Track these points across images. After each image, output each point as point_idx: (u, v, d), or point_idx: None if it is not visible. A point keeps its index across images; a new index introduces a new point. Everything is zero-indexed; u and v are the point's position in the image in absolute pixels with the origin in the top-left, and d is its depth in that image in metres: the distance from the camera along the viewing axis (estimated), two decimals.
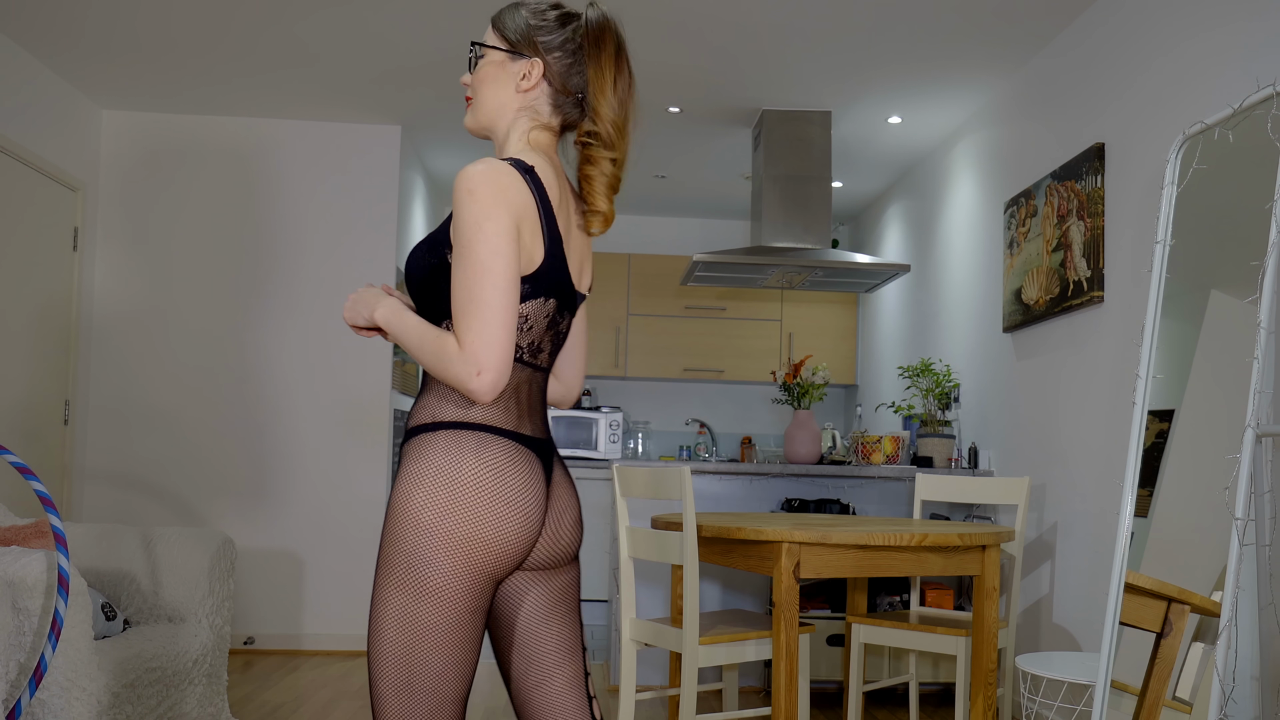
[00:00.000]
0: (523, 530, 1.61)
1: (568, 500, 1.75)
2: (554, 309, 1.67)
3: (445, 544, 1.56)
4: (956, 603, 4.38)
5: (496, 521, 1.58)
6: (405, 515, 1.57)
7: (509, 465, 1.61)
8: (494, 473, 1.60)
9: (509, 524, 1.59)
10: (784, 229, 5.10)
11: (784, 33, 4.25)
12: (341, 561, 5.42)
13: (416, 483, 1.58)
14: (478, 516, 1.57)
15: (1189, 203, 2.91)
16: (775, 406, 7.27)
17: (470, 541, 1.57)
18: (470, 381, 1.51)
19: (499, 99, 1.71)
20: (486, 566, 1.59)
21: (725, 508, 4.57)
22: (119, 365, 5.33)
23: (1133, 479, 2.86)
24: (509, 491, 1.60)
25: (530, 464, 1.65)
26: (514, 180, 1.58)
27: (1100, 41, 3.85)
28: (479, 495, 1.58)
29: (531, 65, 1.70)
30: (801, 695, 3.40)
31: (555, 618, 1.75)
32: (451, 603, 1.56)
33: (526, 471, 1.63)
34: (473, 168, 1.56)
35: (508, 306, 1.53)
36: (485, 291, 1.52)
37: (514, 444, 1.64)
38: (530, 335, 1.66)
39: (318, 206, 5.51)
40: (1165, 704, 2.68)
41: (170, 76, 4.91)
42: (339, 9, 4.13)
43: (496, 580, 1.62)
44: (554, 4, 1.73)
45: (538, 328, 1.66)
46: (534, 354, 1.68)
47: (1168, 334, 2.95)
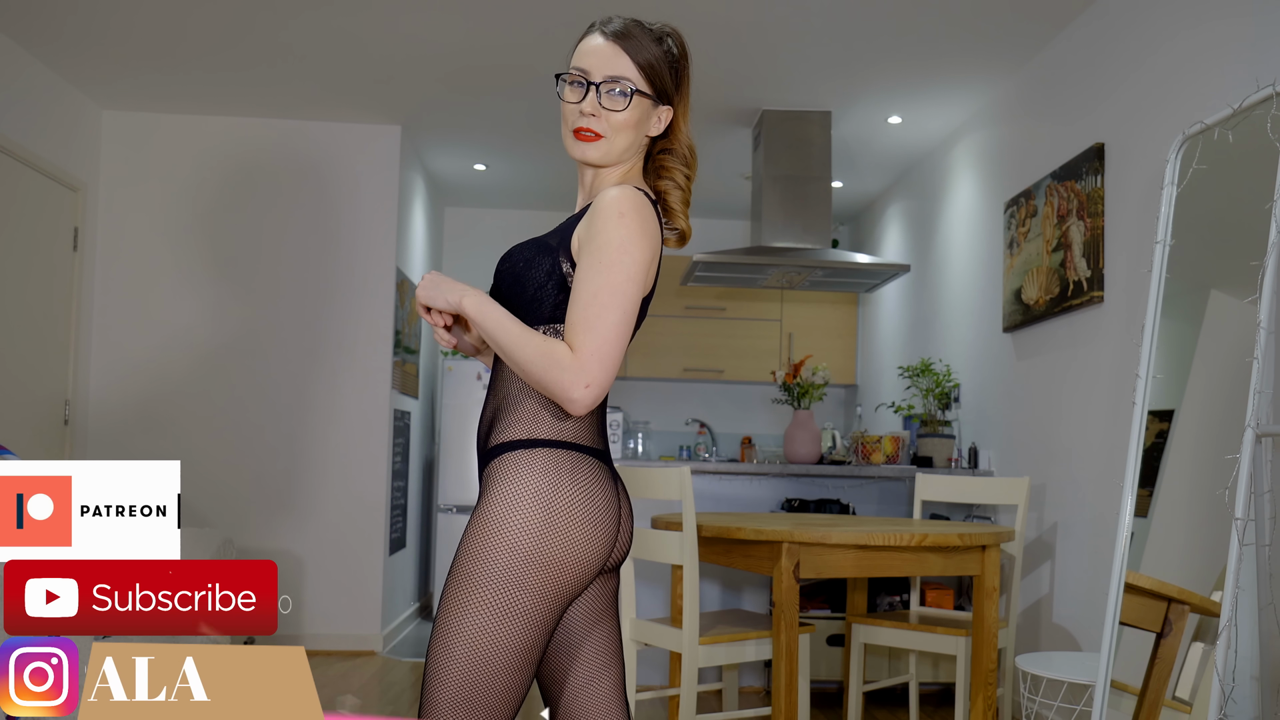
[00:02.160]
0: (606, 549, 1.64)
1: (629, 511, 1.76)
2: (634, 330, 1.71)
3: (540, 568, 1.56)
4: (956, 603, 4.38)
5: (587, 544, 1.60)
6: (500, 536, 1.57)
7: (596, 486, 1.63)
8: (586, 495, 1.61)
9: (596, 544, 1.61)
10: (784, 229, 5.10)
11: (784, 33, 4.25)
12: (341, 562, 5.41)
13: (514, 505, 1.58)
14: (571, 540, 1.58)
15: (1189, 203, 2.91)
16: (775, 406, 7.26)
17: (562, 565, 1.58)
18: (575, 390, 1.53)
19: (637, 141, 1.72)
20: (573, 589, 1.61)
21: (725, 508, 4.57)
22: (119, 365, 5.33)
23: (1133, 479, 2.86)
24: (596, 513, 1.62)
25: (610, 482, 1.67)
26: (653, 213, 1.63)
27: (1100, 41, 3.85)
28: (572, 518, 1.59)
29: (666, 112, 1.74)
30: (801, 695, 3.40)
31: (602, 622, 1.75)
32: (536, 626, 1.58)
33: (610, 490, 1.66)
34: (624, 191, 1.60)
35: (627, 332, 1.58)
36: (613, 312, 1.54)
37: (598, 463, 1.65)
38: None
39: (318, 206, 5.51)
40: (1165, 704, 2.68)
41: (170, 76, 4.91)
42: (339, 9, 4.13)
43: (571, 599, 1.64)
44: (662, 31, 1.74)
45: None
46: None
47: (1168, 334, 2.95)
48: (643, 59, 1.69)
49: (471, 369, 6.54)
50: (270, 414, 5.41)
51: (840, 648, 4.39)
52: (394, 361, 5.59)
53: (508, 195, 6.94)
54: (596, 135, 1.67)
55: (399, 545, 5.91)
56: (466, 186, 6.78)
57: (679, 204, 1.72)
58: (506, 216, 7.31)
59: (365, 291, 5.50)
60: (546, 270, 1.63)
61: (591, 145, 1.68)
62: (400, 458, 5.91)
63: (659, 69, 1.71)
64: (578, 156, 1.70)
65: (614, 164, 1.71)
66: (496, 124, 5.51)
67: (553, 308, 1.63)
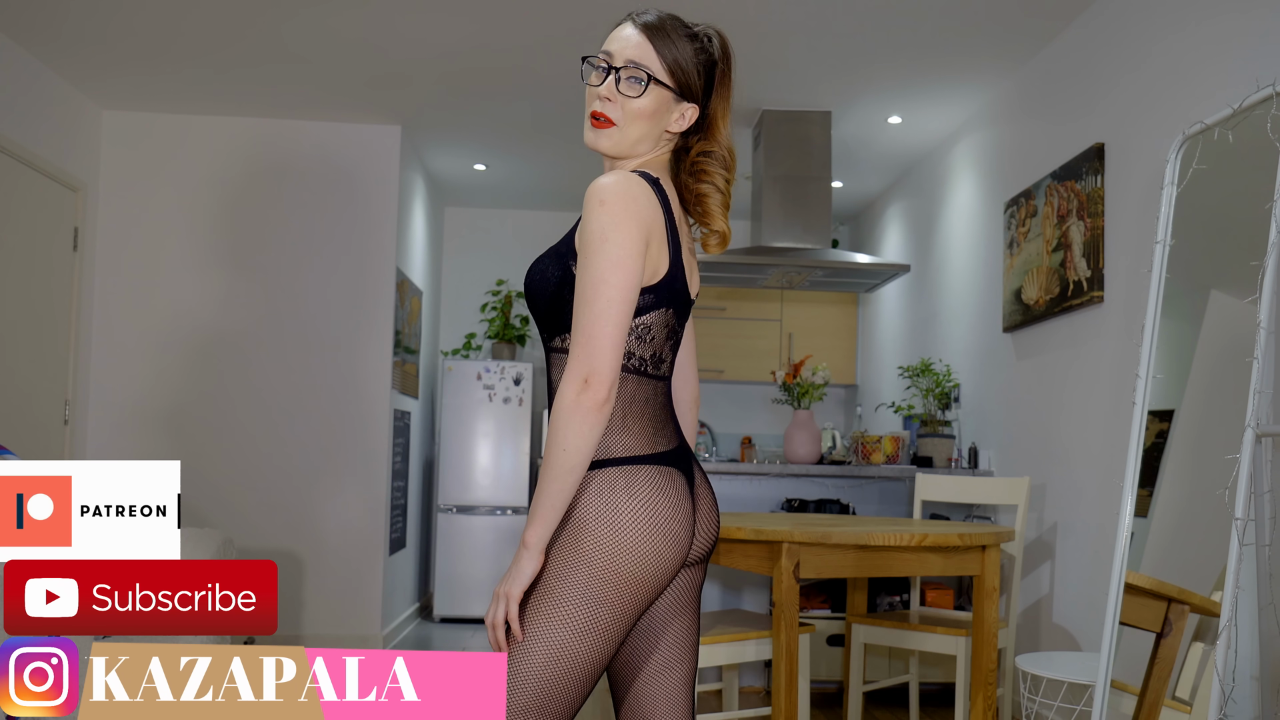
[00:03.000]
0: (679, 553, 1.64)
1: (710, 502, 1.75)
2: (673, 319, 1.68)
3: (616, 584, 1.59)
4: (956, 603, 4.37)
5: (657, 554, 1.61)
6: (577, 555, 1.59)
7: (658, 494, 1.63)
8: (647, 506, 1.62)
9: (667, 552, 1.62)
10: (784, 229, 5.10)
11: (784, 33, 4.25)
12: (341, 562, 5.41)
13: (581, 527, 1.60)
14: (641, 553, 1.59)
15: (1189, 203, 2.91)
16: (775, 406, 7.26)
17: (637, 579, 1.60)
18: (572, 394, 1.53)
19: (653, 133, 1.70)
20: (649, 598, 1.63)
21: (725, 508, 4.57)
22: (119, 365, 5.33)
23: (1133, 479, 2.86)
24: (661, 520, 1.62)
25: (674, 482, 1.66)
26: (644, 191, 1.60)
27: (1100, 41, 3.85)
28: (638, 532, 1.60)
29: (690, 110, 1.71)
30: (801, 695, 3.40)
31: (683, 613, 1.75)
32: (612, 640, 1.61)
33: (675, 493, 1.65)
34: (605, 179, 1.58)
35: (620, 319, 1.54)
36: (597, 303, 1.53)
37: (657, 468, 1.65)
38: (652, 346, 1.66)
39: (318, 206, 5.51)
40: (1165, 704, 2.68)
41: (170, 76, 4.91)
42: (339, 9, 4.13)
43: (645, 607, 1.65)
44: (693, 30, 1.71)
45: (659, 338, 1.66)
46: (657, 365, 1.68)
47: (1168, 334, 2.95)
48: (670, 53, 1.67)
49: (471, 369, 6.54)
50: (270, 414, 5.41)
51: (840, 648, 4.39)
52: (394, 361, 5.59)
53: (508, 195, 6.94)
54: (609, 121, 1.66)
55: (399, 545, 5.91)
56: (466, 186, 6.78)
57: (718, 207, 1.71)
58: (506, 216, 7.31)
59: (365, 291, 5.50)
60: (558, 278, 1.64)
61: (604, 133, 1.67)
62: (400, 458, 5.91)
63: (685, 65, 1.69)
64: (590, 144, 1.70)
65: (627, 155, 1.70)
66: (496, 124, 5.51)
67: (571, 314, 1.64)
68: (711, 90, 1.73)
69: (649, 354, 1.66)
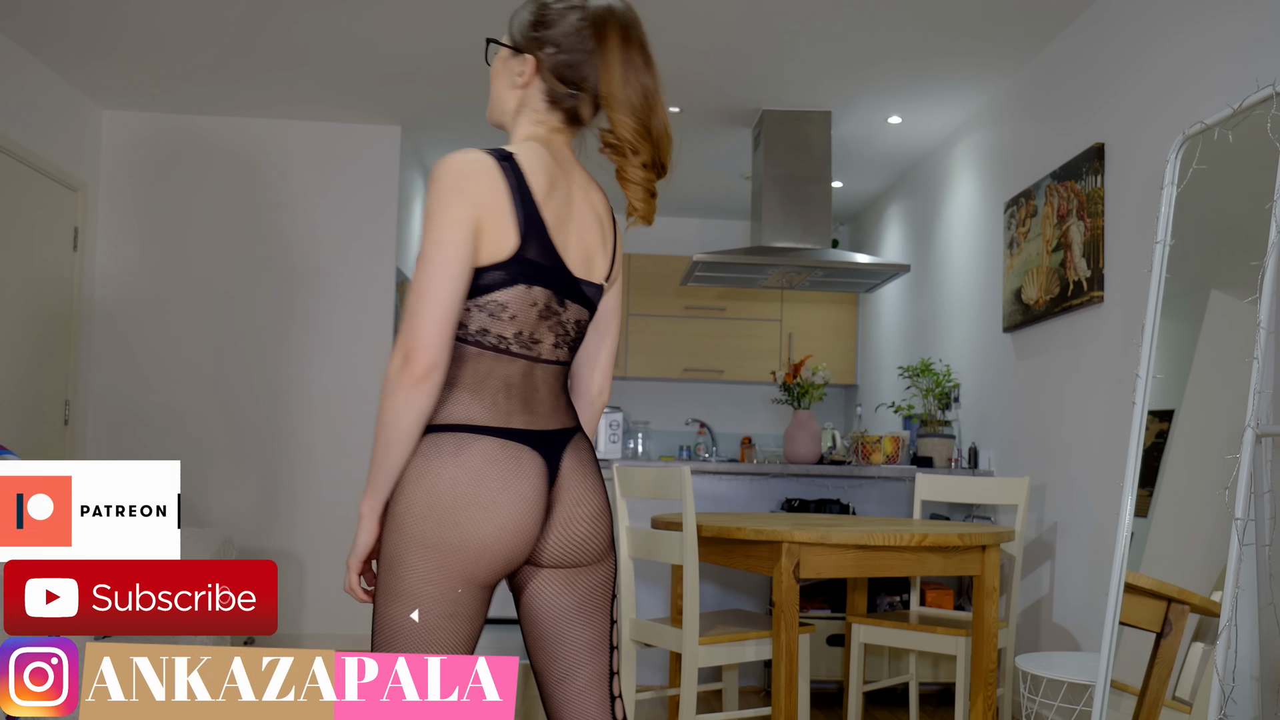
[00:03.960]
0: (502, 533, 1.58)
1: (580, 494, 1.68)
2: (547, 298, 1.63)
3: (420, 548, 1.55)
4: (956, 603, 4.38)
5: (473, 526, 1.56)
6: (390, 519, 1.59)
7: (489, 466, 1.58)
8: (471, 476, 1.57)
9: (486, 527, 1.56)
10: (784, 229, 5.10)
11: (784, 33, 4.25)
12: (341, 562, 5.41)
13: (401, 488, 1.58)
14: (454, 522, 1.56)
15: (1189, 203, 2.91)
16: (775, 406, 7.26)
17: (444, 547, 1.56)
18: (400, 371, 1.54)
19: (501, 94, 1.76)
20: (463, 572, 1.57)
21: (725, 508, 4.57)
22: (119, 365, 5.33)
23: (1133, 479, 2.86)
24: (486, 494, 1.57)
25: (518, 460, 1.60)
26: (480, 168, 1.58)
27: (1100, 41, 3.85)
28: (455, 500, 1.56)
29: (525, 63, 1.69)
30: (801, 695, 3.40)
31: (581, 616, 1.71)
32: (422, 606, 1.56)
33: (511, 470, 1.59)
34: (445, 158, 1.60)
35: (440, 296, 1.54)
36: (421, 280, 1.55)
37: (500, 442, 1.60)
38: (514, 324, 1.62)
39: (318, 206, 5.51)
40: (1165, 704, 2.68)
41: (170, 76, 4.91)
42: (339, 9, 4.13)
43: (482, 585, 1.60)
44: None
45: (524, 316, 1.62)
46: (526, 344, 1.63)
47: (1168, 334, 2.95)
48: (510, 19, 1.74)
49: None
50: (270, 413, 5.41)
51: (840, 648, 4.39)
52: None
53: None
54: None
55: None
56: None
57: (638, 194, 1.68)
58: None
59: (365, 292, 5.50)
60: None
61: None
62: None
63: (519, 20, 1.72)
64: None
65: (500, 124, 1.79)
66: None
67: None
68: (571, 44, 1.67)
69: (510, 332, 1.62)
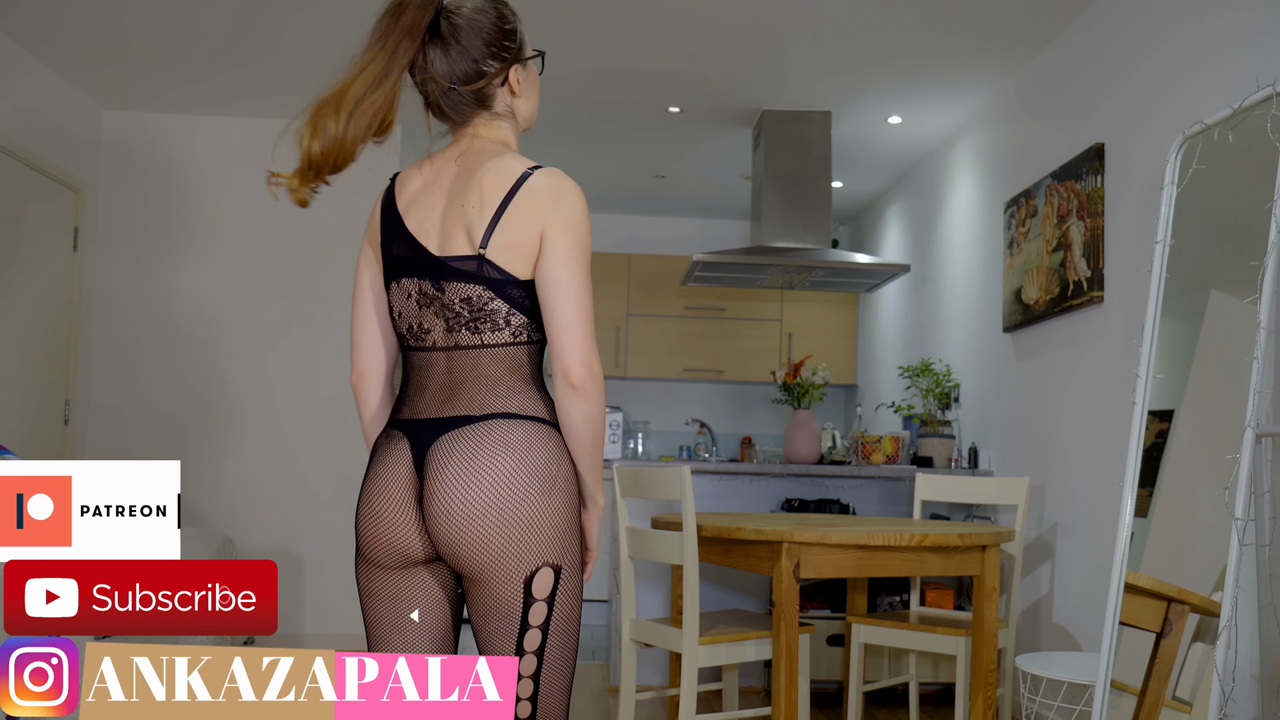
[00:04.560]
0: (370, 519, 1.67)
1: (435, 486, 1.60)
2: (418, 289, 1.70)
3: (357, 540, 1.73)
4: (956, 603, 4.37)
5: (360, 515, 1.68)
6: None
7: (372, 458, 1.71)
8: (367, 468, 1.71)
9: (360, 507, 1.68)
10: (784, 229, 5.10)
11: (784, 33, 4.25)
12: (341, 561, 5.41)
13: None
14: (356, 510, 1.69)
15: (1189, 203, 2.91)
16: (775, 406, 7.26)
17: (357, 537, 1.71)
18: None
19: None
20: (360, 550, 1.71)
21: (725, 508, 4.57)
22: (119, 365, 5.33)
23: (1133, 479, 2.86)
24: (366, 484, 1.69)
25: (388, 445, 1.69)
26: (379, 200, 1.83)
27: (1100, 41, 3.85)
28: (360, 492, 1.70)
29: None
30: (801, 695, 3.40)
31: (481, 636, 1.66)
32: (369, 596, 1.71)
33: (380, 454, 1.70)
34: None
35: (358, 316, 1.80)
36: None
37: (386, 433, 1.71)
38: (405, 320, 1.72)
39: (317, 206, 5.48)
40: (1165, 704, 2.68)
41: (170, 76, 4.91)
42: (339, 9, 4.13)
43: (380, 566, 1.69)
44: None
45: (407, 311, 1.72)
46: (418, 336, 1.71)
47: (1168, 334, 2.95)
48: None
49: None
50: (270, 414, 5.41)
51: (840, 648, 4.39)
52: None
53: None
54: None
55: None
56: None
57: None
58: None
59: None
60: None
61: None
62: None
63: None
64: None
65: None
66: None
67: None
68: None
69: (404, 328, 1.73)
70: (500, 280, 1.64)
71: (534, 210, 1.65)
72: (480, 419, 1.61)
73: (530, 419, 1.63)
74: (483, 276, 1.64)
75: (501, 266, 1.64)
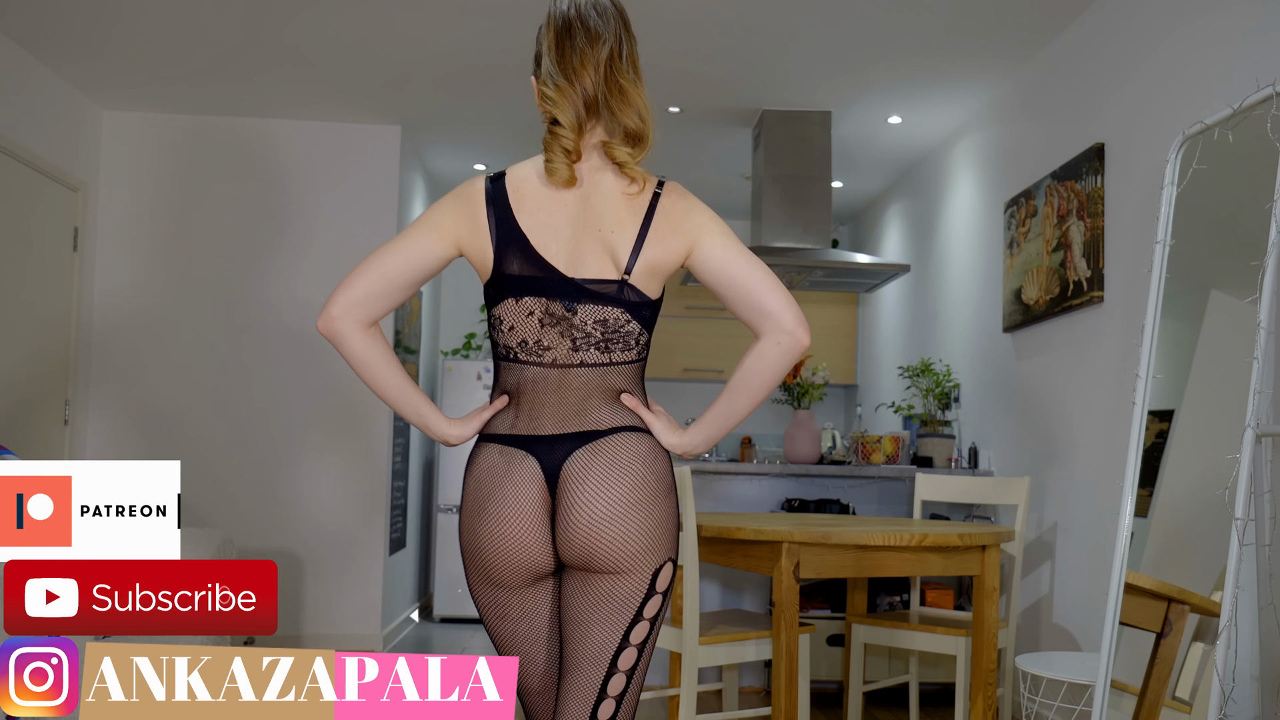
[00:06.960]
0: (492, 535, 1.66)
1: (580, 498, 1.66)
2: (544, 308, 1.66)
3: (463, 554, 1.72)
4: (956, 603, 4.37)
5: (471, 531, 1.68)
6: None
7: (485, 472, 1.68)
8: (474, 482, 1.69)
9: (480, 531, 1.66)
10: (784, 229, 5.10)
11: (784, 33, 4.25)
12: (341, 562, 5.41)
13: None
14: (466, 528, 1.69)
15: (1189, 203, 2.91)
16: (775, 406, 7.26)
17: (466, 553, 1.71)
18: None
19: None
20: (480, 573, 1.70)
21: (725, 508, 4.57)
22: (119, 365, 5.33)
23: (1133, 479, 2.86)
24: (479, 498, 1.67)
25: (509, 464, 1.67)
26: (460, 195, 1.70)
27: (1100, 41, 3.85)
28: (467, 507, 1.69)
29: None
30: (801, 695, 3.40)
31: (586, 623, 1.69)
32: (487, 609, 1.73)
33: (501, 473, 1.67)
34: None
35: (364, 273, 1.66)
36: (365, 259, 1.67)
37: (499, 447, 1.69)
38: (518, 335, 1.68)
39: (318, 206, 5.51)
40: (1165, 704, 2.68)
41: (170, 76, 4.91)
42: (339, 9, 4.13)
43: (500, 586, 1.69)
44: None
45: (523, 327, 1.68)
46: (533, 351, 1.68)
47: (1168, 334, 2.95)
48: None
49: (471, 369, 6.54)
50: (270, 414, 5.41)
51: (840, 648, 4.39)
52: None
53: None
54: None
55: (399, 545, 5.91)
56: None
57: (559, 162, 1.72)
58: None
59: None
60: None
61: None
62: (400, 458, 5.91)
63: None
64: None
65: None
66: (496, 124, 5.51)
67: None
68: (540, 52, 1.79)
69: (515, 342, 1.69)
70: (638, 303, 1.70)
71: (672, 228, 1.71)
72: (607, 433, 1.69)
73: (645, 432, 1.74)
74: (623, 300, 1.68)
75: (640, 289, 1.69)
